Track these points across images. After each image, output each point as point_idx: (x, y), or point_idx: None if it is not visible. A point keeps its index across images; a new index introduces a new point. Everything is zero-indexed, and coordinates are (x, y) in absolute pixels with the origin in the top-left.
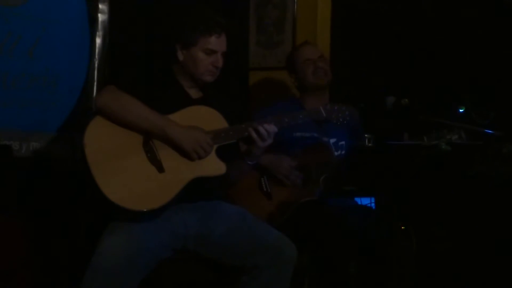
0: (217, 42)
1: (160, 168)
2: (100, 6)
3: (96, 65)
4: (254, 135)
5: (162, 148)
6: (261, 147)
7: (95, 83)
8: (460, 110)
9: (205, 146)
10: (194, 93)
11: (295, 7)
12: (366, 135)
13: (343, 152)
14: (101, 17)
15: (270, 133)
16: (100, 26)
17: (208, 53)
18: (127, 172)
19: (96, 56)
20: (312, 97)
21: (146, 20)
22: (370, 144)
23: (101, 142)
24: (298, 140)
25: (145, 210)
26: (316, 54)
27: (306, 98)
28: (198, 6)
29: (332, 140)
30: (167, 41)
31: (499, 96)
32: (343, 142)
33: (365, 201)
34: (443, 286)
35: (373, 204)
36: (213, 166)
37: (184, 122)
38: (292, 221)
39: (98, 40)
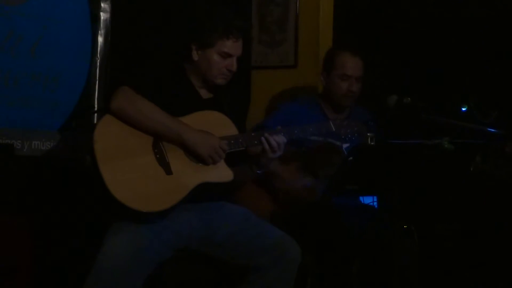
0: (234, 46)
1: (168, 170)
2: (102, 4)
3: (98, 63)
4: (266, 146)
5: (171, 150)
6: (271, 158)
7: (97, 82)
8: (463, 109)
9: (220, 152)
10: (204, 93)
11: (298, 5)
12: (368, 134)
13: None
14: (103, 15)
15: (280, 144)
16: (102, 24)
17: (224, 56)
18: (135, 171)
19: (98, 55)
20: (333, 104)
21: (148, 19)
22: (372, 143)
23: (111, 139)
24: (311, 143)
25: (149, 211)
26: (357, 73)
27: (327, 102)
28: (217, 7)
29: (345, 145)
30: (180, 39)
31: (502, 95)
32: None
33: (367, 200)
34: (446, 285)
35: (375, 203)
36: (221, 172)
37: (195, 126)
38: (296, 220)
39: (100, 39)
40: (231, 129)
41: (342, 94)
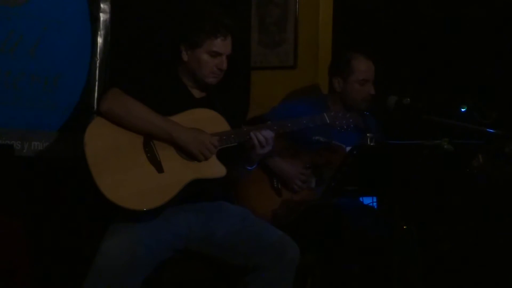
0: (222, 45)
1: (160, 169)
2: (102, 5)
3: (97, 64)
4: (255, 141)
5: (162, 148)
6: (260, 154)
7: (97, 83)
8: (462, 110)
9: (210, 148)
10: (197, 93)
11: (297, 6)
12: (368, 134)
13: None
14: (102, 16)
15: (268, 139)
16: (101, 25)
17: (213, 55)
18: (127, 171)
19: (98, 56)
20: (348, 108)
21: (147, 20)
22: (372, 144)
23: (102, 141)
24: (315, 143)
25: (143, 209)
26: (373, 75)
27: (335, 101)
28: (204, 7)
29: (348, 148)
30: (172, 40)
31: (502, 95)
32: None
33: (367, 200)
34: (446, 285)
35: (375, 204)
36: (213, 168)
37: (187, 124)
38: (296, 220)
39: (100, 40)
40: (223, 126)
41: (362, 99)
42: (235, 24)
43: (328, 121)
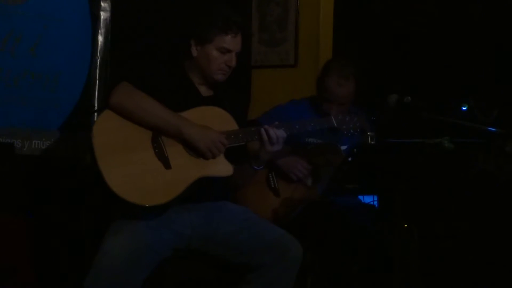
0: (232, 42)
1: (167, 165)
2: (102, 4)
3: (98, 63)
4: (264, 137)
5: (171, 145)
6: (269, 151)
7: (97, 81)
8: (463, 108)
9: (219, 146)
10: (204, 90)
11: (298, 5)
12: (368, 133)
13: None
14: (103, 15)
15: (279, 138)
16: (102, 24)
17: (223, 52)
18: (134, 166)
19: (98, 54)
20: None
21: (147, 18)
22: (372, 142)
23: (110, 134)
24: (309, 145)
25: (148, 205)
26: (348, 98)
27: (322, 103)
28: (210, 4)
29: (344, 147)
30: (180, 36)
31: (502, 94)
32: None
33: (367, 199)
34: (445, 285)
35: (375, 202)
36: (221, 167)
37: (195, 121)
38: (296, 219)
39: (100, 38)
40: (231, 124)
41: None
42: (246, 23)
43: (335, 125)
